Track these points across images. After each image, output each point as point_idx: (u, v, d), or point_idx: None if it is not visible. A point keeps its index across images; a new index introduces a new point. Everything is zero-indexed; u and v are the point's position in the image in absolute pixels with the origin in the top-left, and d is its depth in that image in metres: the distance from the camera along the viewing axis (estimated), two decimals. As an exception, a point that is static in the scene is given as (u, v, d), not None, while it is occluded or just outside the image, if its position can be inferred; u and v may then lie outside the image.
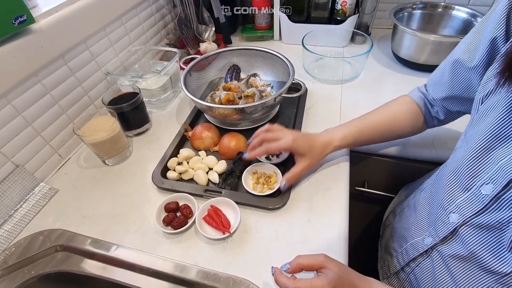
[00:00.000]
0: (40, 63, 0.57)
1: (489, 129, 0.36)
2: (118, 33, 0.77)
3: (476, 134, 0.38)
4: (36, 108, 0.59)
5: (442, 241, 0.43)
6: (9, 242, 0.53)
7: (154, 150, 0.68)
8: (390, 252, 0.58)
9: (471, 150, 0.38)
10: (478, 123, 0.39)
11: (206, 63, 0.80)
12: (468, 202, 0.38)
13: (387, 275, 0.59)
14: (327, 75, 0.85)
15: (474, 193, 0.37)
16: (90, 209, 0.57)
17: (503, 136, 0.34)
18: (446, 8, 0.87)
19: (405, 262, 0.52)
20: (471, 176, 0.38)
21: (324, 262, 0.40)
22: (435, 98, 0.52)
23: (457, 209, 0.40)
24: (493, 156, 0.35)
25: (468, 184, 0.39)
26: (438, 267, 0.44)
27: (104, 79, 0.75)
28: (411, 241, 0.51)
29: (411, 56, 0.83)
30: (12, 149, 0.56)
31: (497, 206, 0.34)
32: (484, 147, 0.36)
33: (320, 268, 0.40)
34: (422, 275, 0.48)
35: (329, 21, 0.97)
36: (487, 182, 0.35)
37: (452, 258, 0.41)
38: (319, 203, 0.55)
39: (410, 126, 0.57)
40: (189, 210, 0.53)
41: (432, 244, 0.45)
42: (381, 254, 0.64)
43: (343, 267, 0.41)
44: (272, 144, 0.54)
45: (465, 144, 0.41)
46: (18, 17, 0.51)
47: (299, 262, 0.41)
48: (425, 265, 0.48)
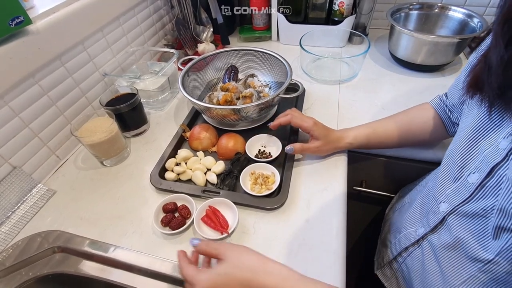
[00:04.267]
0: (37, 64, 0.57)
1: (475, 120, 0.38)
2: (116, 34, 0.77)
3: (465, 126, 0.40)
4: (34, 109, 0.59)
5: (432, 230, 0.45)
6: (6, 243, 0.53)
7: (152, 151, 0.68)
8: (386, 244, 0.60)
9: (461, 141, 0.40)
10: (468, 114, 0.41)
11: (204, 64, 0.80)
12: (456, 191, 0.40)
13: (381, 265, 0.61)
14: (325, 76, 0.86)
15: (462, 182, 0.39)
16: (88, 210, 0.57)
17: (488, 127, 0.36)
18: (442, 9, 0.88)
19: (397, 252, 0.54)
20: (461, 166, 0.40)
21: (220, 253, 0.36)
22: (454, 103, 0.53)
23: (447, 199, 0.42)
24: (480, 147, 0.37)
25: (457, 174, 0.41)
26: (428, 256, 0.46)
27: (102, 80, 0.75)
28: (405, 232, 0.53)
29: (408, 56, 0.83)
30: (10, 150, 0.56)
31: (482, 194, 0.36)
32: (471, 138, 0.38)
33: (217, 258, 0.36)
34: (413, 265, 0.50)
35: (327, 22, 0.98)
36: (474, 171, 0.37)
37: (440, 248, 0.43)
38: (317, 203, 0.55)
39: (428, 132, 0.57)
40: (187, 210, 0.53)
41: (424, 233, 0.47)
42: (378, 247, 0.66)
43: (241, 258, 0.35)
44: (296, 119, 0.58)
45: (456, 136, 0.43)
46: (14, 18, 0.51)
47: (199, 248, 0.38)
48: (415, 255, 0.50)
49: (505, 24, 0.30)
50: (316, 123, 0.58)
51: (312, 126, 0.57)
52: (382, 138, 0.59)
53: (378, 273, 0.62)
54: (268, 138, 0.66)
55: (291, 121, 0.59)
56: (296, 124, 0.59)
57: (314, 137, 0.58)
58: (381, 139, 0.59)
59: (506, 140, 0.33)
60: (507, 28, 0.30)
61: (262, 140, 0.66)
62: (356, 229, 0.88)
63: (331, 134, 0.59)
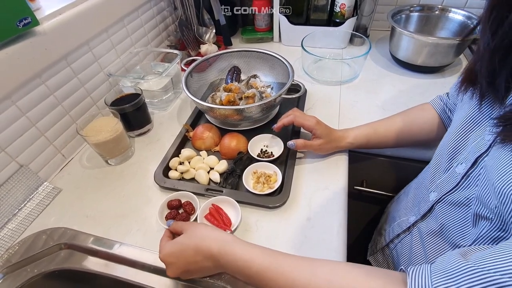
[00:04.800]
0: (44, 64, 0.58)
1: (467, 114, 0.39)
2: (120, 35, 0.78)
3: (457, 119, 0.42)
4: (40, 109, 0.60)
5: (422, 218, 0.48)
6: (13, 240, 0.54)
7: (155, 150, 0.69)
8: (381, 232, 0.62)
9: (452, 134, 0.41)
10: (460, 109, 0.43)
11: (207, 65, 0.81)
12: (445, 181, 0.42)
13: (373, 251, 0.64)
14: (326, 76, 0.87)
15: (451, 172, 0.41)
16: (92, 208, 0.58)
17: (477, 120, 0.38)
18: (443, 11, 0.89)
19: (390, 239, 0.57)
20: (451, 158, 0.42)
21: (183, 229, 0.43)
22: (454, 102, 0.54)
23: (436, 188, 0.44)
24: (469, 139, 0.39)
25: (447, 165, 0.42)
26: (415, 242, 0.48)
27: (107, 81, 0.76)
28: (399, 220, 0.55)
29: (409, 57, 0.84)
30: (17, 149, 0.57)
31: (467, 184, 0.38)
32: (462, 130, 0.40)
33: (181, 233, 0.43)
34: (403, 250, 0.52)
35: (328, 23, 0.99)
36: (461, 162, 0.39)
37: (426, 234, 0.46)
38: (318, 202, 0.56)
39: (428, 132, 0.58)
40: (191, 207, 0.54)
41: (414, 221, 0.49)
42: (374, 236, 0.68)
43: (195, 230, 0.42)
44: (299, 118, 0.59)
45: (449, 129, 0.45)
46: (22, 19, 0.52)
47: (172, 227, 0.46)
48: (405, 241, 0.52)
49: (492, 11, 0.31)
50: (318, 122, 0.59)
51: (314, 125, 0.58)
52: (383, 138, 0.60)
53: (370, 259, 0.65)
54: (270, 138, 0.67)
55: (294, 120, 0.60)
56: (298, 123, 0.60)
57: (316, 136, 0.59)
58: (381, 139, 0.60)
59: (491, 133, 0.34)
60: (493, 16, 0.31)
61: (264, 139, 0.67)
62: (356, 227, 0.89)
63: (332, 133, 0.60)
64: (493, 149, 0.33)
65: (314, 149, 0.60)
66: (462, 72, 0.42)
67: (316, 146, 0.59)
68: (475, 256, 0.26)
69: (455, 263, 0.26)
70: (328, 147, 0.61)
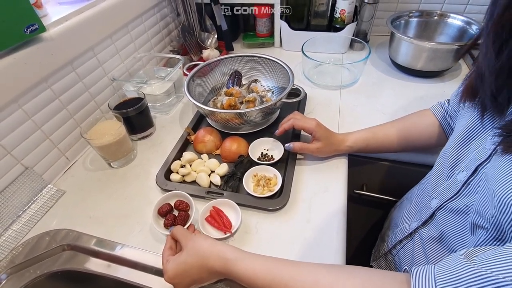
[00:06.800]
0: (50, 69, 0.60)
1: (469, 123, 0.40)
2: (124, 41, 0.80)
3: (459, 127, 0.42)
4: (46, 112, 0.61)
5: (423, 224, 0.48)
6: (17, 241, 0.55)
7: (157, 153, 0.70)
8: (384, 238, 0.62)
9: (454, 142, 0.42)
10: (463, 116, 0.43)
11: (209, 69, 0.83)
12: (447, 188, 0.42)
13: (376, 257, 0.64)
14: (326, 81, 0.88)
15: (452, 180, 0.42)
16: (95, 210, 0.59)
17: (479, 130, 0.38)
18: (441, 16, 0.90)
19: (392, 245, 0.57)
20: (453, 165, 0.42)
21: (183, 245, 0.43)
22: (455, 109, 0.54)
23: (438, 195, 0.44)
24: (470, 147, 0.39)
25: (449, 172, 0.43)
26: (417, 248, 0.49)
27: (110, 85, 0.77)
28: (401, 226, 0.55)
29: (408, 62, 0.85)
30: (22, 151, 0.58)
31: (467, 191, 0.38)
32: (464, 139, 0.40)
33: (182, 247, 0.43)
34: (405, 256, 0.52)
35: (328, 29, 1.00)
36: (463, 170, 0.39)
37: (428, 241, 0.46)
38: (317, 204, 0.56)
39: (428, 138, 0.58)
40: (185, 204, 0.55)
41: (416, 227, 0.50)
42: (377, 242, 0.68)
43: (196, 246, 0.41)
44: (299, 121, 0.60)
45: (451, 137, 0.45)
46: (30, 26, 0.54)
47: (172, 234, 0.46)
48: (407, 247, 0.52)
49: (495, 34, 0.31)
50: (318, 124, 0.59)
51: (315, 127, 0.58)
52: (382, 143, 0.60)
53: (373, 264, 0.65)
54: (270, 141, 0.68)
55: (294, 124, 0.60)
56: (299, 126, 0.60)
57: (316, 138, 0.60)
58: (380, 144, 0.61)
59: (492, 142, 0.35)
60: (496, 38, 0.31)
61: (265, 143, 0.68)
62: (359, 233, 0.89)
63: (332, 136, 0.61)
64: (493, 157, 0.34)
65: (312, 151, 0.61)
66: (462, 82, 0.43)
67: (313, 149, 0.60)
68: (479, 257, 0.26)
69: (459, 264, 0.26)
70: (327, 150, 0.61)
